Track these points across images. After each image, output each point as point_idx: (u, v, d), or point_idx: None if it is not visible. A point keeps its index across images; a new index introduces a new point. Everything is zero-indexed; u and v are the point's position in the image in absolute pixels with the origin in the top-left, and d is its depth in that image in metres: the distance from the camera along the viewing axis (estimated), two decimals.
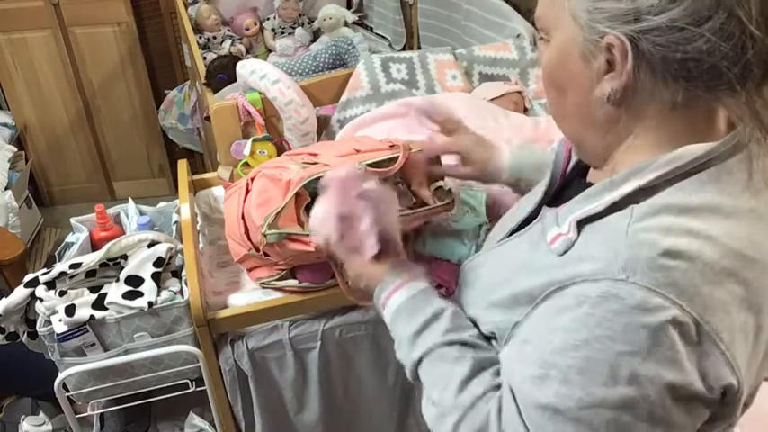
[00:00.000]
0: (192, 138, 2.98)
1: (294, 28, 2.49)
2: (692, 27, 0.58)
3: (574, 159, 0.81)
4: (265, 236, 1.05)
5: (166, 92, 3.03)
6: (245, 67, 1.56)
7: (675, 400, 0.59)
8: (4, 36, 2.81)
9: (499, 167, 1.02)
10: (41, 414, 1.52)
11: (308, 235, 1.01)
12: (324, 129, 1.62)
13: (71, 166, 3.16)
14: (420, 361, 0.76)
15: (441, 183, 1.13)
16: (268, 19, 2.51)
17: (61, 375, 1.18)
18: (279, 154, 1.45)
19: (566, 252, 0.65)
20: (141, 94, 3.05)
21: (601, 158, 0.71)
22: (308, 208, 1.07)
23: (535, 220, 0.75)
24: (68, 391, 1.23)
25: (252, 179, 1.22)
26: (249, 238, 1.20)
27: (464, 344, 0.74)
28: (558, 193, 0.82)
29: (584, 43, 0.63)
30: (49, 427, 1.49)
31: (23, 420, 1.48)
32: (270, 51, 2.51)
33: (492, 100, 1.58)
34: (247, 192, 1.23)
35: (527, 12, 1.73)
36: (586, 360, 0.60)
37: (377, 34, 2.46)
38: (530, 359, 0.64)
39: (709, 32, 0.58)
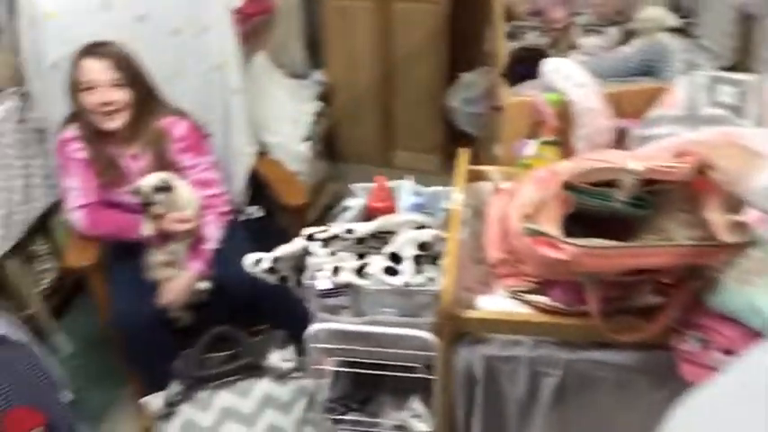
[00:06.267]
0: (472, 122, 3.00)
1: (606, 27, 2.33)
2: None
3: None
4: (523, 228, 1.02)
5: (461, 74, 3.09)
6: (550, 65, 1.49)
7: None
8: (336, 2, 3.10)
9: None
10: (290, 350, 1.66)
11: (563, 240, 0.94)
12: (620, 144, 1.47)
13: (362, 127, 3.41)
14: None
15: (741, 217, 0.97)
16: (581, 14, 2.38)
17: (315, 327, 1.26)
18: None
19: None
20: (437, 71, 3.15)
21: None
22: (572, 220, 1.00)
23: None
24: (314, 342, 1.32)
25: (521, 184, 1.18)
26: (506, 243, 1.16)
27: None
28: None
29: None
30: (293, 365, 1.63)
31: (271, 353, 1.64)
32: (572, 48, 2.38)
33: None
34: (513, 196, 1.19)
35: None
36: None
37: (700, 45, 2.17)
38: None
39: None
